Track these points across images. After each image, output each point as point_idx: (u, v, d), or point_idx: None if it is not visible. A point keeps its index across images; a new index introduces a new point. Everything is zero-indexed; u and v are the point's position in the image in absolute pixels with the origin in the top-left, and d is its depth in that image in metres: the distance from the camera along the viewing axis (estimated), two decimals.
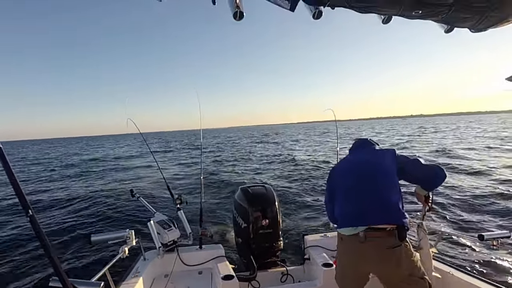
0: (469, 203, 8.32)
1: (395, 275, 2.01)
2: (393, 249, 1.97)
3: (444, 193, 9.45)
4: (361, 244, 2.04)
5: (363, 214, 2.10)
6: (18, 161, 33.43)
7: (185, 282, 2.98)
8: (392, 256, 1.98)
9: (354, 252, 2.13)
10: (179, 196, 3.66)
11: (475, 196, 9.01)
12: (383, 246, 1.99)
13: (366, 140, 2.58)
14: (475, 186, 10.11)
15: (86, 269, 5.44)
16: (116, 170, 21.42)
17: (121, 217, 9.02)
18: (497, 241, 2.36)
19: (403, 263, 1.97)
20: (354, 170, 2.36)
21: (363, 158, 2.40)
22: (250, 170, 17.26)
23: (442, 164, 14.88)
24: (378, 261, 2.03)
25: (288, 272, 3.35)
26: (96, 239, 2.38)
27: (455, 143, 25.75)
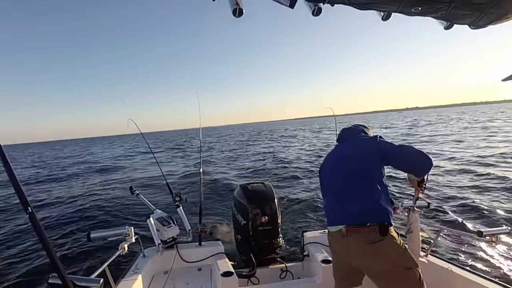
0: (467, 199, 8.33)
1: (380, 269, 2.00)
2: (374, 244, 1.95)
3: (441, 189, 9.47)
4: (343, 239, 2.08)
5: (341, 215, 2.13)
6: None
7: (184, 279, 2.99)
8: (373, 251, 1.97)
9: (339, 247, 2.17)
10: (178, 193, 3.67)
11: (473, 191, 9.02)
12: (364, 241, 1.98)
13: (351, 129, 2.51)
14: (471, 181, 10.12)
15: (85, 265, 5.45)
16: (115, 169, 21.43)
17: (121, 214, 9.03)
18: (496, 237, 2.37)
19: (386, 257, 1.96)
20: (334, 167, 2.35)
21: (344, 153, 2.34)
22: (247, 168, 17.26)
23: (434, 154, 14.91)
24: (361, 256, 2.04)
25: (288, 268, 3.36)
26: (96, 236, 2.39)
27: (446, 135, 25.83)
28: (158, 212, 3.51)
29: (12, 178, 1.21)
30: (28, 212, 1.24)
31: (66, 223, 8.38)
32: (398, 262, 1.96)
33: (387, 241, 1.96)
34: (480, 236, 2.35)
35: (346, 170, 2.21)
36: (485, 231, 2.34)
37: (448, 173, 11.59)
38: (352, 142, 2.36)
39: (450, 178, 10.86)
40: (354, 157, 2.21)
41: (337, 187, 2.23)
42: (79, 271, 5.23)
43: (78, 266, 5.44)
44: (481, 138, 22.06)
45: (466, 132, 28.14)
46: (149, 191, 11.84)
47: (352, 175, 2.15)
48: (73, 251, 6.18)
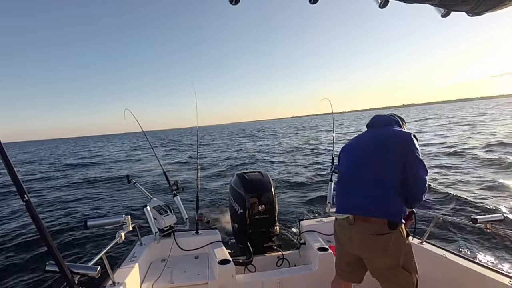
0: (462, 186, 8.40)
1: (380, 262, 1.98)
2: (380, 236, 1.91)
3: (437, 177, 9.54)
4: (349, 226, 2.04)
5: (351, 203, 2.06)
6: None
7: (181, 267, 3.00)
8: (377, 242, 1.93)
9: (344, 235, 2.14)
10: (176, 182, 3.65)
11: (467, 179, 9.09)
12: (370, 231, 1.94)
13: (383, 117, 2.29)
14: (466, 169, 10.18)
15: (83, 253, 5.48)
16: (112, 159, 21.39)
17: (118, 202, 9.06)
18: (491, 224, 2.39)
19: (390, 251, 1.92)
20: (354, 153, 2.22)
21: (368, 140, 2.19)
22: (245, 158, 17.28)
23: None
24: (364, 245, 2.01)
25: (284, 256, 3.38)
26: (93, 224, 2.38)
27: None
28: (155, 200, 3.51)
29: (8, 166, 1.20)
30: (24, 200, 1.23)
31: (63, 211, 8.39)
32: (401, 261, 1.94)
33: (394, 235, 1.91)
34: (474, 223, 2.36)
35: (364, 159, 2.11)
36: (479, 218, 2.35)
37: (442, 160, 11.66)
38: (381, 131, 2.18)
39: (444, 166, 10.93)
40: (377, 148, 2.07)
41: (352, 175, 2.14)
42: (77, 258, 5.26)
43: (75, 254, 5.47)
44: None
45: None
46: (146, 180, 11.85)
47: (369, 165, 2.05)
48: (70, 239, 6.21)
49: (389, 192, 1.94)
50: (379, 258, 1.98)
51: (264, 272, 2.92)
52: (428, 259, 2.73)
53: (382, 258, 1.96)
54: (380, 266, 2.00)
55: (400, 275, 1.94)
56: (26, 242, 6.15)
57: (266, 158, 16.76)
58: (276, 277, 2.82)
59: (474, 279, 2.36)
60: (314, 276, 2.90)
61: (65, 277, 1.42)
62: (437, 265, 2.66)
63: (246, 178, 3.69)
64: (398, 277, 1.95)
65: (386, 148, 2.02)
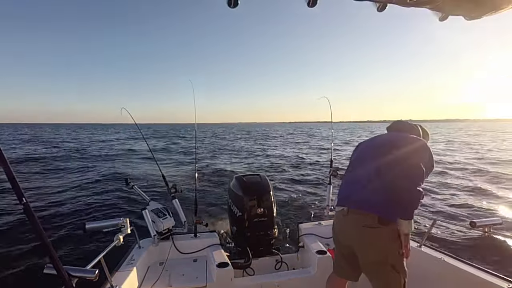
0: (460, 191, 8.41)
1: (369, 255, 2.02)
2: (370, 228, 1.95)
3: (436, 180, 9.55)
4: (343, 217, 2.11)
5: (348, 197, 2.13)
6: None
7: (180, 270, 3.00)
8: (367, 235, 1.97)
9: (339, 227, 2.21)
10: (174, 185, 3.66)
11: (466, 184, 9.11)
12: (361, 223, 1.99)
13: (405, 124, 2.31)
14: (464, 176, 10.21)
15: (80, 256, 5.46)
16: (110, 159, 21.35)
17: (116, 205, 9.02)
18: (489, 228, 2.39)
19: (379, 247, 1.96)
20: (367, 149, 2.30)
21: (380, 141, 2.25)
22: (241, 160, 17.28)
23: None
24: (355, 237, 2.06)
25: (283, 259, 3.38)
26: (91, 227, 2.38)
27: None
28: (154, 203, 3.51)
29: (6, 169, 1.20)
30: (22, 202, 1.23)
31: (61, 214, 8.35)
32: (390, 259, 1.95)
33: (384, 230, 1.93)
34: (473, 227, 2.37)
35: (370, 157, 2.16)
36: (477, 221, 2.36)
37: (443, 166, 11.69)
38: (396, 135, 2.24)
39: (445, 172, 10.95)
40: (385, 148, 2.10)
41: (357, 169, 2.22)
42: (74, 262, 5.23)
43: (73, 257, 5.45)
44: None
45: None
46: (145, 183, 11.83)
47: (372, 163, 2.09)
48: (68, 242, 6.18)
49: (385, 191, 1.96)
50: (368, 252, 2.02)
51: (262, 275, 2.93)
52: (427, 262, 2.73)
53: (370, 252, 2.00)
54: (368, 260, 2.03)
55: (388, 274, 1.95)
56: (23, 245, 6.12)
57: (265, 161, 16.77)
58: (275, 280, 2.82)
59: (472, 283, 2.37)
60: (312, 279, 2.90)
61: (63, 280, 1.42)
62: (435, 268, 2.67)
63: (245, 181, 3.69)
64: (386, 275, 1.97)
65: (394, 150, 2.04)
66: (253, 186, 3.64)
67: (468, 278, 2.40)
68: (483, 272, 2.40)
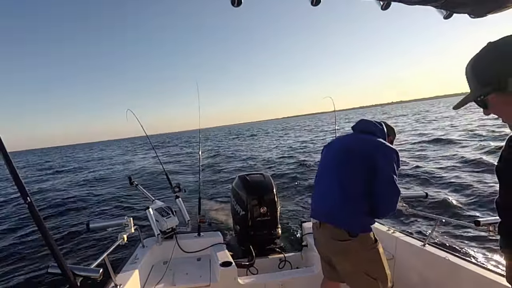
0: (464, 189, 8.37)
1: (343, 268, 2.03)
2: (339, 241, 1.94)
3: (440, 179, 9.51)
4: (317, 229, 2.13)
5: (317, 209, 2.14)
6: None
7: (183, 269, 3.00)
8: (337, 247, 1.97)
9: (316, 236, 2.24)
10: (178, 184, 3.67)
11: (471, 182, 9.06)
12: (331, 236, 1.99)
13: (369, 124, 2.19)
14: (472, 172, 10.15)
15: (85, 255, 5.49)
16: (113, 161, 21.43)
17: (120, 204, 9.07)
18: (493, 226, 2.38)
19: (350, 258, 1.96)
20: (331, 156, 2.19)
21: (344, 147, 2.13)
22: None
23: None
24: (327, 248, 2.09)
25: (286, 258, 3.38)
26: (95, 226, 2.39)
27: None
28: (157, 202, 3.52)
29: (11, 169, 1.21)
30: (27, 202, 1.23)
31: (66, 213, 8.41)
32: (364, 268, 1.95)
33: (354, 243, 1.92)
34: (477, 225, 2.35)
35: (334, 166, 2.10)
36: (482, 220, 2.34)
37: (443, 163, 11.63)
38: (360, 138, 2.11)
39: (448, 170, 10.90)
40: (348, 156, 2.03)
41: (322, 180, 2.18)
42: (79, 261, 5.26)
43: (78, 256, 5.48)
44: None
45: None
46: (148, 182, 11.86)
47: (337, 173, 2.04)
48: (73, 241, 6.22)
49: (352, 203, 1.95)
50: (341, 262, 2.03)
51: (266, 275, 2.92)
52: (431, 261, 2.72)
53: (343, 262, 2.01)
54: (344, 270, 2.04)
55: (362, 280, 1.96)
56: (28, 244, 6.16)
57: (269, 159, 16.78)
58: (278, 279, 2.82)
59: (477, 282, 2.35)
60: (316, 278, 2.89)
61: (67, 279, 1.42)
62: (439, 267, 2.65)
63: (248, 180, 3.69)
64: (360, 282, 1.98)
65: (357, 157, 1.97)
66: (256, 185, 3.64)
67: (473, 277, 2.38)
68: (488, 271, 2.38)
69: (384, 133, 2.14)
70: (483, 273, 2.35)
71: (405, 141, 17.87)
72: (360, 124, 2.22)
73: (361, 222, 1.94)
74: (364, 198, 1.93)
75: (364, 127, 2.18)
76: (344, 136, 2.29)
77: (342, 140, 2.24)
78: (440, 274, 2.64)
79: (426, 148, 15.07)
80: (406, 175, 10.96)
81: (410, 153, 13.95)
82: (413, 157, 13.16)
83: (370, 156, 1.92)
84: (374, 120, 2.22)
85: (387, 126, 2.25)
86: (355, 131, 2.23)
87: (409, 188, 9.32)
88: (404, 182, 9.72)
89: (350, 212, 1.94)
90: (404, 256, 3.03)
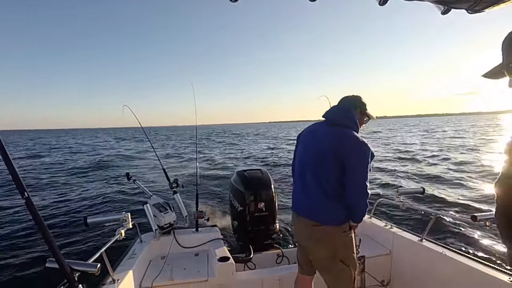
0: (460, 184, 8.41)
1: (317, 252, 2.10)
2: (315, 227, 2.03)
3: (438, 175, 9.55)
4: (295, 218, 2.22)
5: (296, 205, 2.24)
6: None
7: (181, 264, 3.01)
8: (313, 233, 2.05)
9: (295, 228, 2.31)
10: (175, 180, 3.67)
11: (466, 177, 9.10)
12: (308, 223, 2.08)
13: (339, 114, 2.10)
14: (465, 169, 10.20)
15: (82, 250, 5.49)
16: (112, 155, 21.40)
17: (118, 199, 9.06)
18: (490, 221, 2.39)
19: (328, 242, 2.03)
20: (306, 149, 2.17)
21: (317, 142, 2.08)
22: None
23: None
24: (304, 235, 2.16)
25: (284, 254, 3.40)
26: (93, 221, 2.39)
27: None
28: (155, 198, 3.52)
29: (8, 163, 1.20)
30: (24, 197, 1.23)
31: (63, 208, 8.39)
32: (340, 253, 2.04)
33: (330, 228, 2.01)
34: (474, 220, 2.36)
35: (308, 161, 2.11)
36: (479, 215, 2.35)
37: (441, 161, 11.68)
38: (331, 133, 2.03)
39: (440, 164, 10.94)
40: (321, 152, 2.00)
41: (298, 174, 2.21)
42: (76, 256, 5.26)
43: (75, 251, 5.48)
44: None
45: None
46: (146, 177, 11.85)
47: (312, 168, 2.07)
48: (70, 236, 6.22)
49: (326, 198, 2.00)
50: (316, 248, 2.09)
51: (263, 270, 2.93)
52: (428, 256, 2.74)
53: (318, 248, 2.08)
54: (318, 257, 2.11)
55: (337, 267, 2.04)
56: (26, 239, 6.16)
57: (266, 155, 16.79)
58: (276, 274, 2.83)
59: (474, 277, 2.37)
60: None
61: (65, 274, 1.42)
62: (436, 262, 2.67)
63: (246, 176, 3.70)
64: (335, 269, 2.05)
65: (330, 158, 1.95)
66: (254, 181, 3.65)
67: (469, 272, 2.40)
68: (484, 266, 2.40)
69: (355, 123, 2.08)
70: (480, 268, 2.37)
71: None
72: (333, 114, 2.13)
73: (334, 216, 2.02)
74: (338, 196, 1.99)
75: (336, 120, 2.08)
76: (318, 128, 2.18)
77: (317, 136, 2.13)
78: (436, 269, 2.66)
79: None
80: (403, 172, 11.00)
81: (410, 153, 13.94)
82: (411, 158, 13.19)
83: (342, 158, 1.92)
84: (345, 106, 2.13)
85: (360, 105, 2.16)
86: (328, 122, 2.13)
87: (407, 184, 9.36)
88: (402, 177, 9.75)
89: (327, 209, 2.01)
90: (401, 251, 3.05)
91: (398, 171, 11.45)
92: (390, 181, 9.71)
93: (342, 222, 2.03)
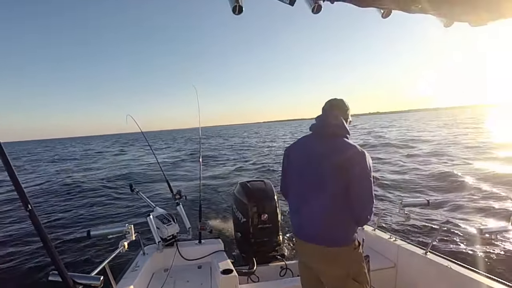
0: (467, 197, 8.33)
1: (331, 272, 1.99)
2: (329, 248, 1.91)
3: (443, 187, 9.48)
4: (302, 245, 2.05)
5: (303, 233, 2.04)
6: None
7: (184, 276, 2.99)
8: (327, 254, 1.93)
9: (301, 251, 2.15)
10: (178, 191, 3.66)
11: (474, 190, 9.02)
12: (321, 248, 1.94)
13: (330, 126, 2.00)
14: (474, 181, 10.12)
15: (85, 263, 5.47)
16: (114, 166, 21.45)
17: (121, 211, 9.05)
18: (496, 235, 2.36)
19: (341, 262, 1.93)
20: (301, 170, 2.04)
21: (315, 160, 1.97)
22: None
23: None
24: (317, 259, 2.01)
25: (287, 266, 3.36)
26: (96, 234, 2.38)
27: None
28: (158, 210, 3.51)
29: (12, 176, 1.21)
30: (28, 209, 1.23)
31: (66, 220, 8.39)
32: (353, 271, 1.95)
33: (346, 248, 1.92)
34: (480, 234, 2.33)
35: (310, 179, 1.98)
36: (485, 228, 2.32)
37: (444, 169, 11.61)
38: (328, 147, 1.95)
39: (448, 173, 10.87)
40: (324, 173, 1.90)
41: (299, 193, 2.07)
42: (79, 268, 5.23)
43: (78, 264, 5.46)
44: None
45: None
46: (149, 189, 11.85)
47: (315, 190, 1.94)
48: (73, 248, 6.20)
49: (333, 217, 1.91)
50: (329, 269, 1.99)
51: (267, 282, 2.91)
52: (433, 269, 2.70)
53: (331, 269, 1.97)
54: (331, 278, 2.01)
55: (350, 286, 1.95)
56: (29, 251, 6.15)
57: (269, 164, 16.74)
58: (280, 287, 2.81)
59: None
60: None
61: (67, 287, 1.42)
62: (442, 276, 2.64)
63: (249, 187, 3.69)
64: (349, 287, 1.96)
65: (333, 169, 1.87)
66: (258, 192, 3.64)
67: (476, 286, 2.37)
68: (490, 280, 2.36)
69: (346, 129, 2.01)
70: (486, 282, 2.34)
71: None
72: (323, 125, 2.04)
73: (346, 236, 1.92)
74: (345, 212, 1.88)
75: (327, 131, 2.00)
76: (309, 142, 2.10)
77: (312, 151, 2.02)
78: (442, 283, 2.63)
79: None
80: (405, 180, 10.94)
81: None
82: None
83: (346, 171, 1.83)
84: (333, 114, 2.04)
85: (345, 109, 2.10)
86: (317, 134, 2.06)
87: (411, 195, 9.29)
88: (407, 190, 9.69)
89: (337, 229, 1.92)
90: (406, 264, 3.02)
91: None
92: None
93: (353, 239, 1.94)
